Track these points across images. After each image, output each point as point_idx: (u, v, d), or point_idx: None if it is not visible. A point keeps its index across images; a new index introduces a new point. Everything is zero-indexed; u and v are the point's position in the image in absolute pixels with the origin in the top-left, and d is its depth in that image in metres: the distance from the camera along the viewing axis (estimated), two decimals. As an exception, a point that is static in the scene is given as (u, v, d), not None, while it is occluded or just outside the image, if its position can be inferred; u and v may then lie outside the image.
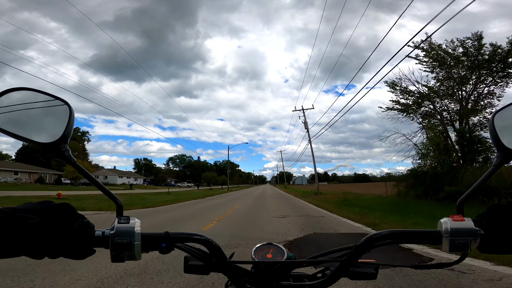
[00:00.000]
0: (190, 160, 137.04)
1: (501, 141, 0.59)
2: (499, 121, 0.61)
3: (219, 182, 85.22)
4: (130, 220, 0.54)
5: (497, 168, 0.60)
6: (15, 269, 3.59)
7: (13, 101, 0.57)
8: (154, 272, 3.61)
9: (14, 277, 3.33)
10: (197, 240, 0.59)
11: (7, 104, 0.56)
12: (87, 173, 0.58)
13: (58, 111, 0.59)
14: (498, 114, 0.62)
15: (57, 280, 3.29)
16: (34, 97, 0.58)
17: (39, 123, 0.59)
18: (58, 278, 3.34)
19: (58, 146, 0.56)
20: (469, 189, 0.60)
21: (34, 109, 0.59)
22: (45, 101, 0.59)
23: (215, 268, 0.61)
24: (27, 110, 0.58)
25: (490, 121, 0.62)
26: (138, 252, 0.53)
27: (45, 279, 3.32)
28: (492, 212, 0.57)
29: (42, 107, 0.59)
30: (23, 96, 0.58)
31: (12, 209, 0.48)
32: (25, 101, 0.58)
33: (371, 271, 0.62)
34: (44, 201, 0.54)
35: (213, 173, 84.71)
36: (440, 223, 0.57)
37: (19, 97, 0.57)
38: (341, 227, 7.68)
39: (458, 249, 0.55)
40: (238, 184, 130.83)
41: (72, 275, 3.47)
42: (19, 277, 3.35)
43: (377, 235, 0.58)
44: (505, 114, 0.61)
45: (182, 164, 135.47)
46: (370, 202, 15.48)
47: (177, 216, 10.78)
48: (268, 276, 0.62)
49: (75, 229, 0.52)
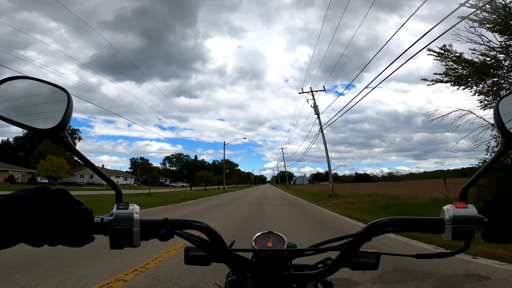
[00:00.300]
0: (187, 159, 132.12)
1: (506, 127, 0.59)
2: (504, 107, 0.61)
3: (215, 182, 77.42)
4: (129, 206, 0.54)
5: (501, 155, 0.60)
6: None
7: (11, 89, 0.58)
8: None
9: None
10: (197, 227, 0.58)
11: (5, 92, 0.57)
12: (87, 160, 0.59)
13: (56, 99, 0.59)
14: (503, 100, 0.62)
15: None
16: (32, 85, 0.60)
17: (38, 110, 0.59)
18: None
19: (57, 132, 0.57)
20: (473, 175, 0.59)
21: (33, 97, 0.60)
22: (43, 89, 0.61)
23: (215, 257, 0.60)
24: (26, 98, 0.60)
25: (495, 107, 0.61)
26: (137, 239, 0.53)
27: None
28: (499, 199, 0.56)
29: (40, 94, 0.60)
30: (22, 85, 0.60)
31: (6, 197, 0.47)
32: (24, 89, 0.60)
33: (372, 261, 0.61)
34: (40, 187, 0.53)
35: (208, 172, 73.71)
36: (442, 210, 0.56)
37: (18, 85, 0.60)
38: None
39: (461, 237, 0.54)
40: (237, 184, 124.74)
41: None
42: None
43: (378, 223, 0.57)
44: (511, 100, 0.62)
45: (179, 163, 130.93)
46: (434, 208, 9.15)
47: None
48: (269, 265, 0.62)
49: (72, 215, 0.51)
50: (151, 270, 3.63)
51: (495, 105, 0.61)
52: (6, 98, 0.57)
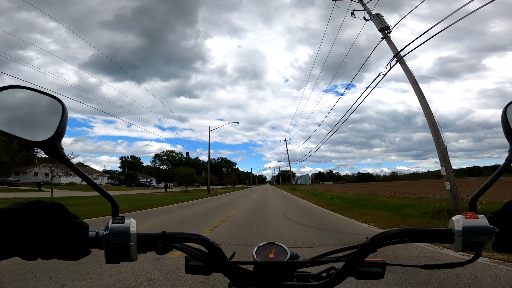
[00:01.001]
0: (180, 157, 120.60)
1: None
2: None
3: (201, 181, 63.77)
4: (125, 220, 0.53)
5: (510, 163, 0.58)
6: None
7: (4, 100, 0.56)
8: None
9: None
10: (195, 240, 0.57)
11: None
12: (82, 173, 0.58)
13: (50, 109, 0.57)
14: (510, 106, 0.60)
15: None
16: (25, 95, 0.58)
17: (32, 122, 0.57)
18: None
19: (52, 144, 0.55)
20: (483, 185, 0.57)
21: (26, 108, 0.58)
22: (37, 98, 0.58)
23: (216, 268, 0.60)
24: (19, 109, 0.57)
25: (502, 114, 0.60)
26: (134, 253, 0.52)
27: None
28: (509, 209, 0.55)
29: (34, 104, 0.58)
30: (15, 95, 0.57)
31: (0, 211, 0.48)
32: (17, 99, 0.57)
33: (378, 270, 0.60)
34: (35, 201, 0.53)
35: (190, 169, 52.87)
36: (451, 221, 0.55)
37: (10, 95, 0.57)
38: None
39: (471, 249, 0.53)
40: (233, 184, 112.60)
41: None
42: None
43: (384, 234, 0.56)
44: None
45: (170, 161, 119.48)
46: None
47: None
48: (271, 277, 0.61)
49: (67, 229, 0.51)
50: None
51: (502, 112, 0.60)
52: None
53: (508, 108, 0.60)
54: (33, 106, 0.58)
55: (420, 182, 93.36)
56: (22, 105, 0.57)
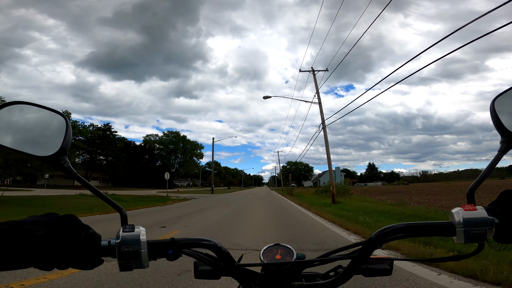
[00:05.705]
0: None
1: (504, 126, 0.59)
2: (500, 106, 0.61)
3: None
4: (135, 228, 0.55)
5: (503, 154, 0.60)
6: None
7: (9, 115, 0.57)
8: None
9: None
10: (205, 245, 0.58)
11: (3, 119, 0.57)
12: (90, 185, 0.60)
13: (54, 124, 0.59)
14: (498, 99, 0.62)
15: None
16: (30, 111, 0.59)
17: (37, 137, 0.59)
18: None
19: (58, 158, 0.56)
20: (478, 176, 0.58)
21: (31, 123, 0.59)
22: (41, 114, 0.60)
23: (224, 272, 0.60)
24: (24, 124, 0.59)
25: (490, 107, 0.61)
26: (145, 259, 0.54)
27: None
28: (504, 199, 0.55)
29: (38, 120, 0.59)
30: (19, 110, 0.58)
31: (17, 222, 0.49)
32: (21, 115, 0.58)
33: (386, 267, 0.60)
34: (49, 213, 0.54)
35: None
36: (451, 213, 0.56)
37: (15, 111, 0.58)
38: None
39: (474, 240, 0.54)
40: (214, 185, 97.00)
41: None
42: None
43: (388, 229, 0.57)
44: (506, 99, 0.62)
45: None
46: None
47: None
48: (279, 277, 0.61)
49: (81, 239, 0.53)
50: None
51: (490, 105, 0.62)
52: (4, 125, 0.57)
53: (496, 101, 0.62)
54: (38, 122, 0.60)
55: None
56: (27, 121, 0.59)
